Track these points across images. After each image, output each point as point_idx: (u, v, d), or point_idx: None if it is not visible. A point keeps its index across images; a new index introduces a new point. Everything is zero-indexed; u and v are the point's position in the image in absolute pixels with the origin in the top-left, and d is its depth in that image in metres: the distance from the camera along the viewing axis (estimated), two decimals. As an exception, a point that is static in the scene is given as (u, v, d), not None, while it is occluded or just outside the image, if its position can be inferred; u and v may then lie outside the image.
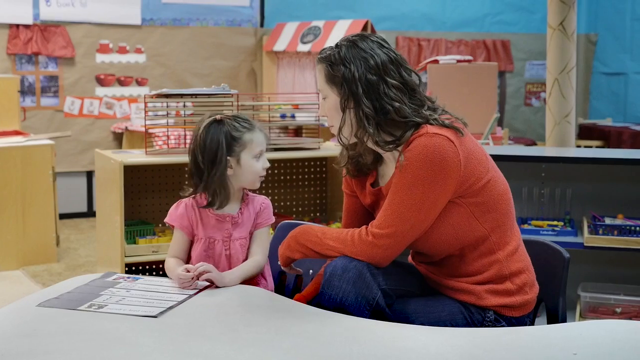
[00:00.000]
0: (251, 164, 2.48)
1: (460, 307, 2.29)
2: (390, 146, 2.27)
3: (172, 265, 2.48)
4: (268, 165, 2.53)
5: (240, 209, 2.53)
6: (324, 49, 2.36)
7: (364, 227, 2.28)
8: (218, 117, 2.50)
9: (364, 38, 2.31)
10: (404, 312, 2.29)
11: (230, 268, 2.49)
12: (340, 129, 2.32)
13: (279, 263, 2.49)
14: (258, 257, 2.51)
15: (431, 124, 2.23)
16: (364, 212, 2.50)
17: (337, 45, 2.33)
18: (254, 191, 2.60)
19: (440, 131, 2.20)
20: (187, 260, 2.54)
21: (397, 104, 2.23)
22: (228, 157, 2.46)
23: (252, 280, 2.50)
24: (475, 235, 2.28)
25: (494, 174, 2.31)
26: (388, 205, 2.24)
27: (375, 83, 2.24)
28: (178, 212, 2.54)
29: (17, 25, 6.74)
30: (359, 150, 2.39)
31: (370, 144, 2.31)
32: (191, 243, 2.55)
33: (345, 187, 2.54)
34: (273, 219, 2.58)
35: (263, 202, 2.57)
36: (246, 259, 2.52)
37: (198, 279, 2.35)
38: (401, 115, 2.24)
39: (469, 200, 2.24)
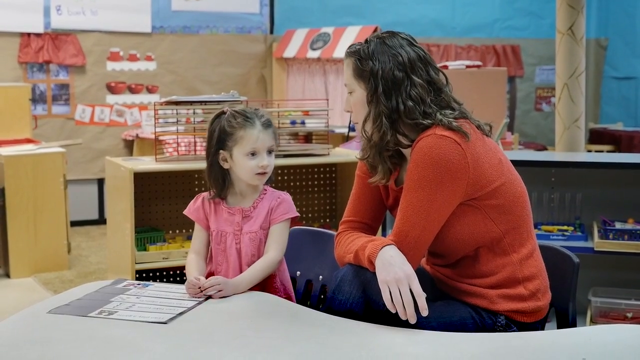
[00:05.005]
0: (242, 161, 2.45)
1: (471, 312, 2.28)
2: (405, 144, 2.26)
3: (190, 265, 2.49)
4: (265, 163, 2.45)
5: (254, 202, 2.51)
6: (352, 44, 2.34)
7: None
8: (225, 109, 2.51)
9: (394, 35, 2.32)
10: (414, 317, 2.29)
11: (240, 262, 2.48)
12: (364, 123, 2.31)
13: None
14: (270, 254, 2.46)
15: (442, 125, 2.20)
16: (374, 197, 2.45)
17: (366, 40, 2.32)
18: (276, 186, 2.58)
19: (448, 133, 2.18)
20: (209, 254, 2.55)
21: (410, 104, 2.22)
22: (221, 151, 2.46)
23: (267, 283, 2.48)
24: (490, 236, 2.27)
25: (510, 177, 2.28)
26: (399, 210, 2.24)
27: (400, 80, 2.24)
28: (195, 205, 2.57)
29: (29, 34, 6.79)
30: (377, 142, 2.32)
31: (389, 140, 2.27)
32: (209, 236, 2.55)
33: (360, 170, 2.47)
34: (291, 214, 2.50)
35: (279, 196, 2.52)
36: (258, 254, 2.49)
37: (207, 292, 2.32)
38: (410, 118, 2.23)
39: (484, 202, 2.23)
